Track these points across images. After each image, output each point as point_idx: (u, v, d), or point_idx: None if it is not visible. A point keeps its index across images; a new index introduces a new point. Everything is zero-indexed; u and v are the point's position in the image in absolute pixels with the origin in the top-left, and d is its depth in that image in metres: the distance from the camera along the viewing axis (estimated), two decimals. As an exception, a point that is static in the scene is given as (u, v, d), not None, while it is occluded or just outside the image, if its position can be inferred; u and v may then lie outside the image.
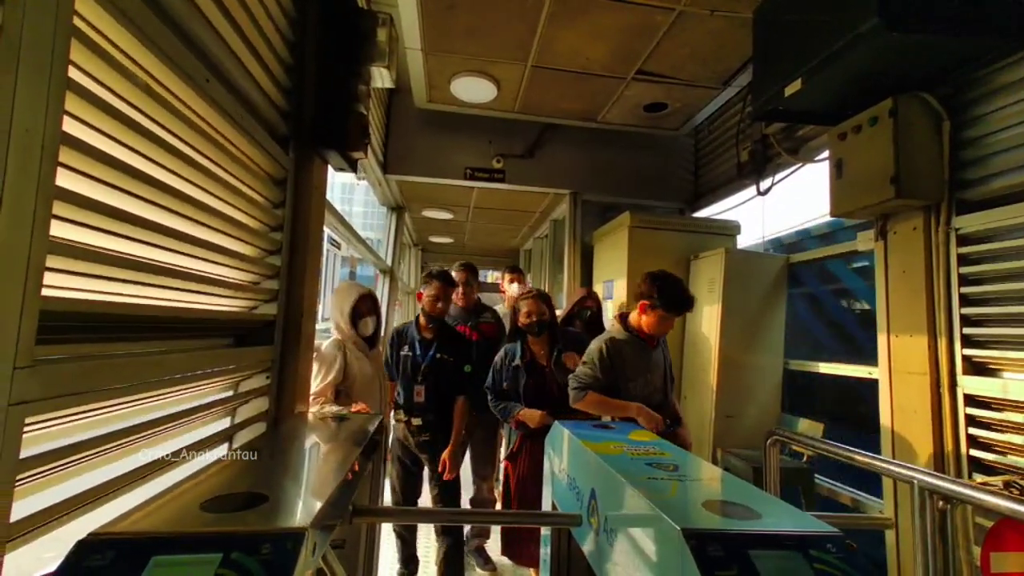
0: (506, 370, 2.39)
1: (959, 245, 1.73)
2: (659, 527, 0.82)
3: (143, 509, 0.72)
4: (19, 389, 0.61)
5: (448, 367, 2.51)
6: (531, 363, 2.35)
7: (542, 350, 2.38)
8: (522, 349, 2.37)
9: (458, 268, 2.88)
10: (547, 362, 2.36)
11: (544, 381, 2.34)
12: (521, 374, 2.33)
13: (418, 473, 2.62)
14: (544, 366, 2.36)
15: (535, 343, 2.39)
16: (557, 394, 2.26)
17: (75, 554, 0.57)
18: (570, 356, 2.31)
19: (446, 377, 2.51)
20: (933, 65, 1.69)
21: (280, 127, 1.48)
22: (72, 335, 0.76)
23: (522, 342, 2.38)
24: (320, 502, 0.77)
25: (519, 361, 2.34)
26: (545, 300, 2.37)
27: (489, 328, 2.98)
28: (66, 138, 0.68)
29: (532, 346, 2.39)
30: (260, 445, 1.17)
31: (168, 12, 0.89)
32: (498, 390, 2.42)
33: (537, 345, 2.38)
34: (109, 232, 0.82)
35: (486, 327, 2.97)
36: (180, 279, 1.03)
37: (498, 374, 2.43)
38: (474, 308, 3.04)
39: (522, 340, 2.39)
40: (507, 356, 2.41)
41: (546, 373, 2.35)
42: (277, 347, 1.52)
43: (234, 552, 0.60)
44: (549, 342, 2.38)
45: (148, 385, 0.91)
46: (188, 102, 0.99)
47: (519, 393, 2.33)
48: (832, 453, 1.64)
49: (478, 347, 2.82)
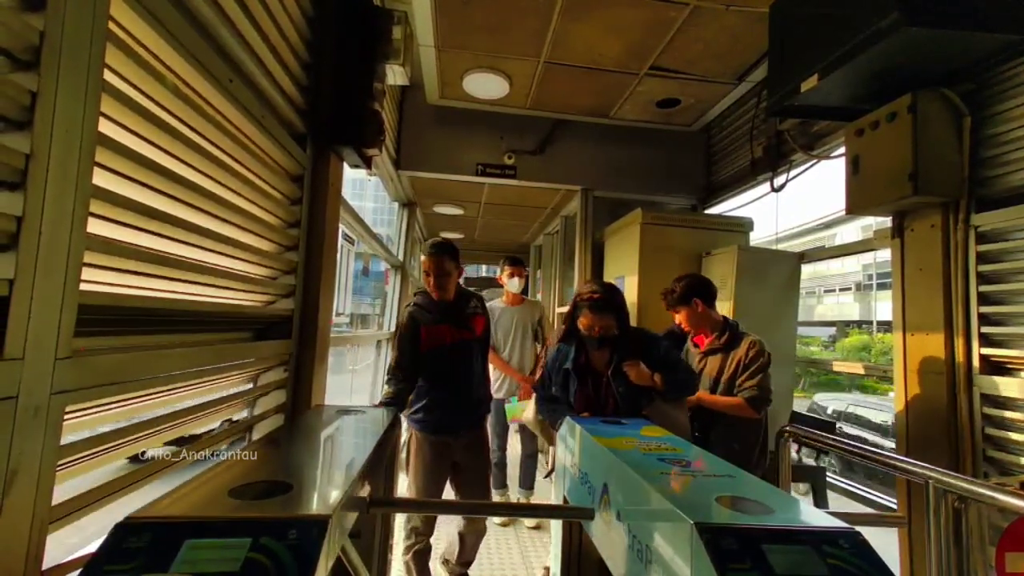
0: (556, 372, 2.02)
1: (978, 243, 1.71)
2: (672, 521, 0.83)
3: (174, 495, 0.75)
4: (60, 379, 0.64)
5: None
6: (585, 367, 1.98)
7: (602, 355, 1.97)
8: (576, 351, 1.98)
9: (427, 251, 2.21)
10: (605, 369, 1.94)
11: (599, 391, 1.95)
12: (572, 380, 1.97)
13: None
14: (601, 373, 1.95)
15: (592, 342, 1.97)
16: (613, 409, 1.89)
17: (114, 536, 0.60)
18: (632, 365, 1.86)
19: None
20: (954, 61, 1.66)
21: (297, 124, 1.50)
22: (106, 328, 0.79)
23: (577, 343, 2.01)
24: (341, 491, 0.80)
25: (570, 364, 1.97)
26: (614, 308, 1.90)
27: (479, 323, 2.31)
28: (101, 138, 0.70)
29: (590, 350, 1.98)
30: (279, 436, 1.20)
31: (195, 15, 0.92)
32: (547, 394, 2.08)
33: (596, 349, 1.97)
34: (138, 228, 0.85)
35: (476, 322, 2.29)
36: (203, 274, 1.06)
37: (548, 376, 2.08)
38: (456, 302, 2.26)
39: (577, 341, 2.01)
40: (559, 356, 2.04)
41: (603, 382, 1.94)
42: (294, 341, 1.55)
43: (263, 537, 0.63)
44: (612, 347, 1.94)
45: (175, 377, 0.94)
46: (212, 101, 1.02)
47: (569, 402, 1.99)
48: (845, 450, 1.64)
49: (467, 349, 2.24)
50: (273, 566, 0.60)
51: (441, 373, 2.16)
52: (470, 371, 2.22)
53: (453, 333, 2.17)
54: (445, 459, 2.20)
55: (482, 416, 2.36)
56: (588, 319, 1.89)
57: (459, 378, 2.19)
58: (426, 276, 2.16)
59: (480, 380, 2.31)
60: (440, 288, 2.14)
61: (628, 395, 1.88)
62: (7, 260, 0.57)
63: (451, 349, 2.15)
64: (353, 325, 23.11)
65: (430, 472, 2.17)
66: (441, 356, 2.14)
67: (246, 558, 0.60)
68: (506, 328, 3.43)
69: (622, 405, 1.87)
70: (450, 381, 2.17)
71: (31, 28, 0.58)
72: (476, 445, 2.29)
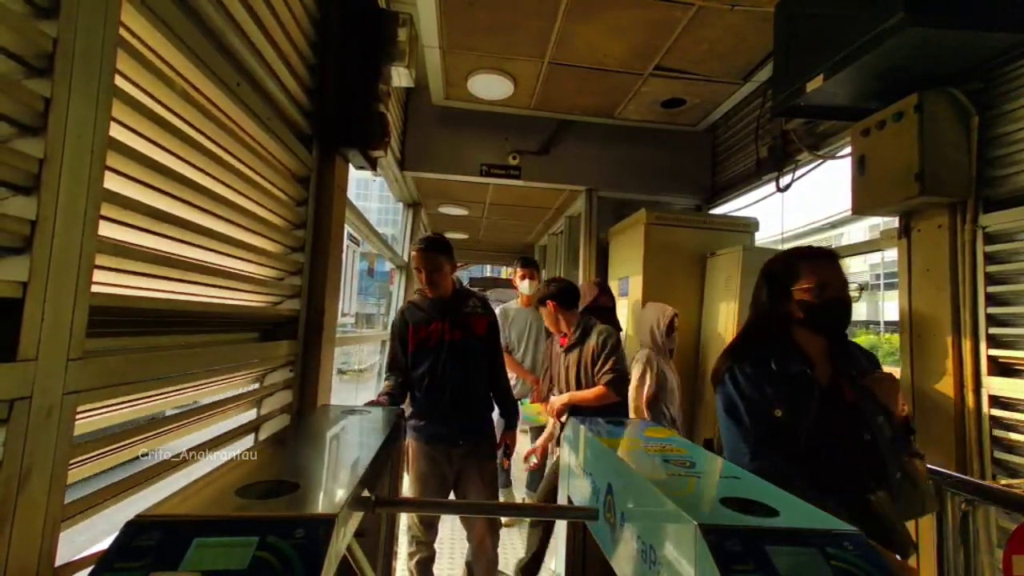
0: (768, 382, 1.21)
1: (986, 243, 1.69)
2: (676, 522, 0.83)
3: (182, 494, 0.76)
4: (72, 379, 0.65)
5: None
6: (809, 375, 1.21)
7: (822, 361, 1.25)
8: (790, 351, 1.25)
9: (416, 247, 2.04)
10: (841, 385, 1.22)
11: (844, 422, 1.18)
12: (810, 399, 1.18)
13: None
14: (843, 394, 1.21)
15: (810, 339, 1.25)
16: (870, 453, 1.15)
17: (125, 534, 0.61)
18: (885, 379, 1.22)
19: None
20: (961, 60, 1.65)
21: (303, 127, 1.52)
22: (116, 328, 0.80)
23: (785, 338, 1.27)
24: (348, 491, 0.80)
25: (800, 369, 1.21)
26: None
27: (480, 323, 2.11)
28: (112, 142, 0.71)
29: (806, 345, 1.26)
30: (286, 436, 1.22)
31: (204, 19, 0.93)
32: (761, 434, 1.19)
33: (813, 343, 1.25)
34: (147, 231, 0.86)
35: (476, 322, 2.10)
36: (211, 275, 1.07)
37: (752, 394, 1.22)
38: (452, 300, 2.11)
39: (783, 332, 1.28)
40: (771, 361, 1.23)
41: (844, 407, 1.19)
42: (300, 342, 1.56)
43: (270, 536, 0.64)
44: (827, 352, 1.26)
45: (184, 377, 0.95)
46: (220, 105, 1.03)
47: (801, 429, 1.16)
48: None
49: (468, 349, 2.06)
50: (280, 565, 0.60)
51: (433, 375, 2.01)
52: (467, 373, 2.04)
53: (447, 332, 2.02)
54: (443, 470, 2.05)
55: (486, 422, 2.17)
56: (827, 274, 1.17)
57: (454, 381, 2.01)
58: (418, 273, 2.04)
59: (482, 383, 2.14)
60: (432, 284, 2.02)
61: (891, 431, 1.14)
62: (21, 263, 0.58)
63: (445, 349, 2.01)
64: (358, 325, 23.21)
65: (426, 485, 2.04)
66: (431, 356, 2.01)
67: (253, 556, 0.61)
68: (520, 330, 3.45)
69: (886, 450, 1.13)
70: (444, 384, 2.00)
71: (44, 35, 0.60)
72: (479, 453, 2.10)
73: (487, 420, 2.20)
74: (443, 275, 2.04)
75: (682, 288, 3.07)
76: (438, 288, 2.04)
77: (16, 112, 0.58)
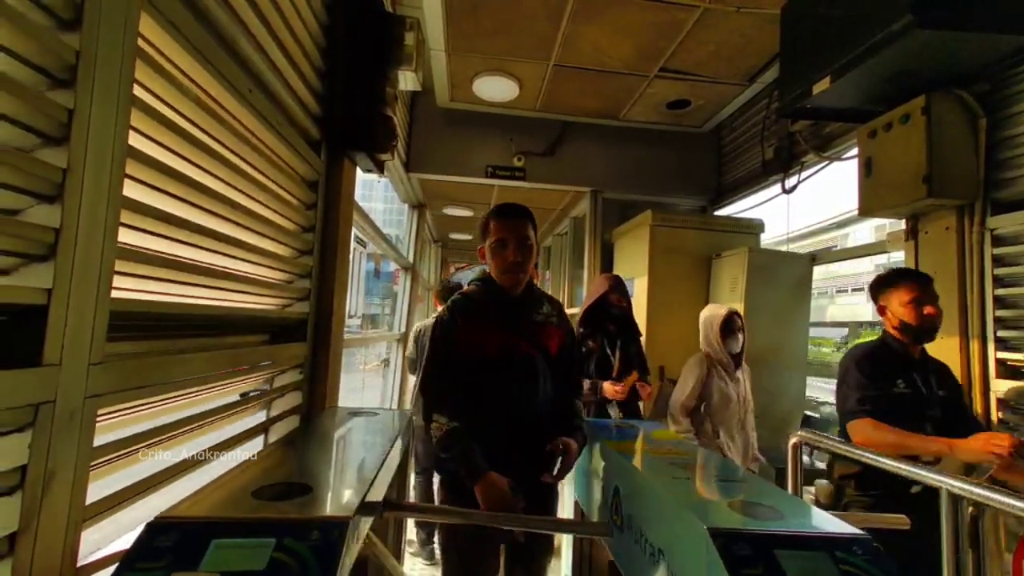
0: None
1: (993, 246, 1.69)
2: (685, 525, 0.84)
3: (198, 496, 0.77)
4: (93, 383, 0.66)
5: None
6: None
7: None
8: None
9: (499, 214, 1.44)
10: None
11: None
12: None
13: None
14: None
15: None
16: None
17: (146, 534, 0.63)
18: None
19: None
20: (968, 62, 1.64)
21: (313, 131, 1.53)
22: (133, 333, 0.81)
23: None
24: (359, 494, 0.82)
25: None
26: None
27: (553, 337, 1.45)
28: (131, 150, 0.73)
29: None
30: (295, 437, 1.23)
31: (217, 26, 0.94)
32: None
33: None
34: (163, 236, 0.87)
35: (549, 335, 1.45)
36: (224, 279, 1.08)
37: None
38: (522, 300, 1.47)
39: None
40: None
41: None
42: (309, 344, 1.58)
43: (286, 538, 0.65)
44: None
45: (199, 379, 0.96)
46: (233, 111, 1.04)
47: None
48: (857, 455, 1.63)
49: None
50: (297, 566, 0.62)
51: (484, 399, 1.34)
52: (531, 401, 1.36)
53: (506, 343, 1.37)
54: (492, 534, 1.31)
55: (548, 470, 1.32)
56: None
57: (513, 409, 1.35)
58: (496, 249, 1.38)
59: (546, 416, 1.39)
60: (517, 270, 1.37)
61: None
62: (46, 270, 0.59)
63: (511, 367, 1.36)
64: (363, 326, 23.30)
65: (469, 557, 1.36)
66: (486, 375, 1.34)
67: (271, 558, 0.62)
68: None
69: None
70: (499, 412, 1.34)
71: (67, 47, 0.61)
72: (539, 514, 1.37)
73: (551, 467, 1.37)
74: (532, 256, 1.41)
75: (687, 290, 3.06)
76: (519, 277, 1.40)
77: (41, 123, 0.60)
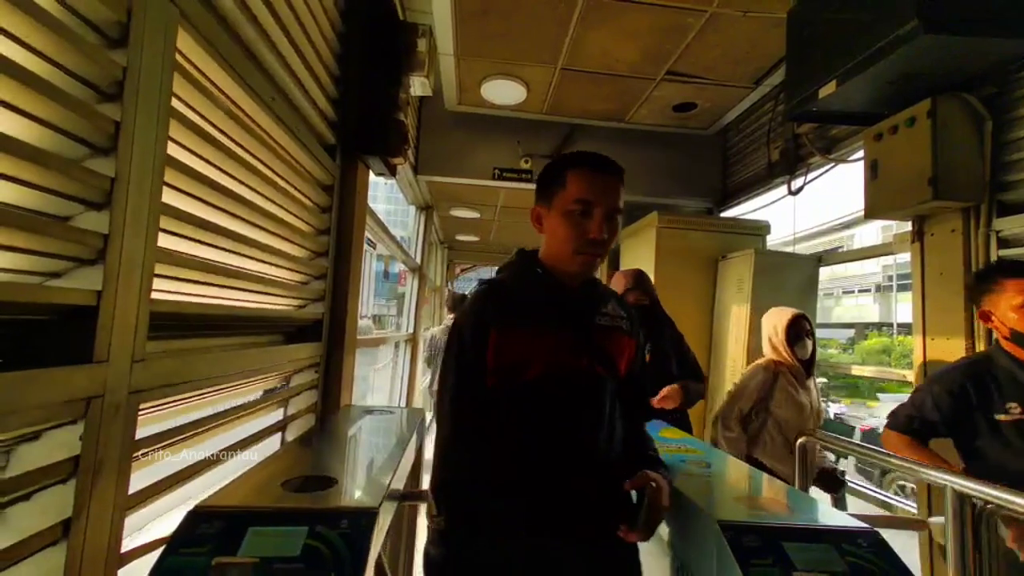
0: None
1: (1000, 248, 1.70)
2: (696, 519, 0.87)
3: (230, 487, 0.81)
4: (136, 379, 0.70)
5: None
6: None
7: None
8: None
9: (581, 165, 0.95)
10: None
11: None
12: None
13: None
14: None
15: None
16: None
17: (188, 522, 0.66)
18: None
19: None
20: (974, 66, 1.66)
21: (328, 136, 1.57)
22: (169, 332, 0.85)
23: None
24: (383, 485, 0.85)
25: None
26: None
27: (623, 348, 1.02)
28: (168, 159, 0.77)
29: None
30: (312, 435, 1.27)
31: (244, 39, 0.98)
32: None
33: None
34: (194, 240, 0.91)
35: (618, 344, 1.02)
36: (247, 280, 1.12)
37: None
38: (582, 292, 1.02)
39: None
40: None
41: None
42: (324, 344, 1.62)
43: (318, 526, 0.69)
44: None
45: (224, 378, 1.00)
46: (257, 119, 1.08)
47: None
48: (864, 455, 1.65)
49: None
50: (329, 553, 0.65)
51: (523, 443, 0.91)
52: (594, 442, 0.95)
53: (561, 358, 0.94)
54: None
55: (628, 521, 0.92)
56: None
57: (569, 455, 0.93)
58: (573, 216, 0.93)
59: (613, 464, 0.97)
60: (598, 251, 0.94)
61: None
62: (96, 273, 0.63)
63: (553, 389, 0.92)
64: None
65: None
66: (523, 403, 0.91)
67: (304, 544, 0.66)
68: None
69: None
70: (548, 461, 0.91)
71: (115, 64, 0.65)
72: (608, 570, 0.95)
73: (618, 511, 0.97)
74: (616, 236, 0.98)
75: (693, 291, 3.09)
76: (600, 262, 0.98)
77: (90, 134, 0.64)
